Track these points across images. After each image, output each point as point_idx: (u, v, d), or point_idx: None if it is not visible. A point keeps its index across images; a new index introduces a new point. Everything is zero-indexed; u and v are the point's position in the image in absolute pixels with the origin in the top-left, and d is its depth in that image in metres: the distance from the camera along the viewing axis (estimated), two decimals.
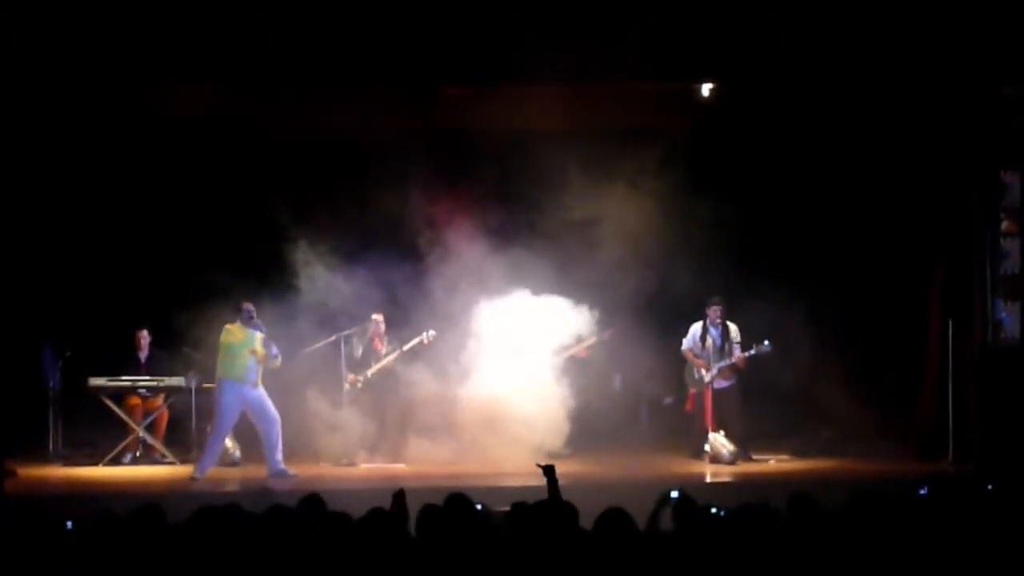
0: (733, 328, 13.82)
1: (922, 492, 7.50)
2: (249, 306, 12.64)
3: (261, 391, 12.67)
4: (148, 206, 14.53)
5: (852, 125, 13.54)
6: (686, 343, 14.00)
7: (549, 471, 7.45)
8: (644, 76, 12.66)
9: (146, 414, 14.00)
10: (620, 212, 13.84)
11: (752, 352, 13.62)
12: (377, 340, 13.97)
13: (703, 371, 13.77)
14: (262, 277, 13.53)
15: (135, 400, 14.02)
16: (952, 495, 7.36)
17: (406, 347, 13.81)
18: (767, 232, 14.65)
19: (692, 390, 13.98)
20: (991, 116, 12.90)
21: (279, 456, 12.61)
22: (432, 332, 13.75)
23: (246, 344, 12.57)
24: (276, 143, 13.92)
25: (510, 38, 11.97)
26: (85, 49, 11.88)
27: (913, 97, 13.00)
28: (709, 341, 13.85)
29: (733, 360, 13.69)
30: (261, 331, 12.63)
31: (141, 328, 14.35)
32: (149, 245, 14.63)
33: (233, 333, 12.58)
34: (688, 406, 14.05)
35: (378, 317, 13.91)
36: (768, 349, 13.55)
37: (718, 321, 13.80)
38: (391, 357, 13.82)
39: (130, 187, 14.45)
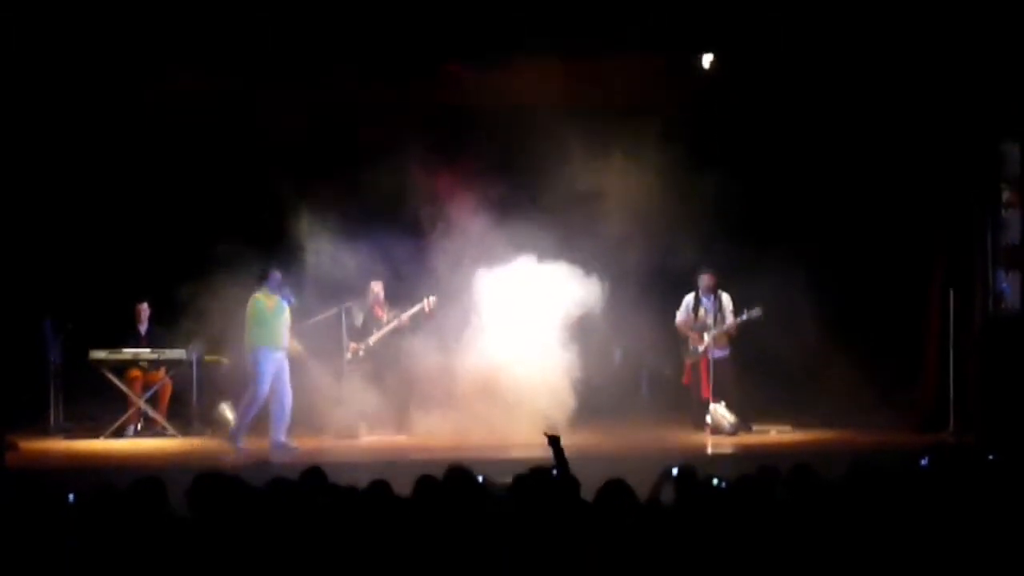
0: (725, 297, 13.85)
1: (923, 463, 7.48)
2: (276, 273, 12.62)
3: (287, 360, 12.69)
4: (148, 179, 14.51)
5: (854, 94, 13.49)
6: (679, 316, 14.02)
7: (555, 441, 7.44)
8: (645, 48, 12.61)
9: (147, 387, 14.01)
10: (622, 186, 13.81)
11: (743, 317, 13.63)
12: (377, 308, 13.98)
13: (697, 343, 13.80)
14: (264, 250, 13.45)
15: (136, 372, 14.03)
16: (953, 466, 7.34)
17: (406, 315, 13.81)
18: (769, 205, 14.59)
19: (687, 361, 14.00)
20: (993, 86, 12.85)
21: (283, 429, 12.57)
22: (433, 298, 13.73)
23: (278, 311, 12.54)
24: (278, 117, 13.86)
25: (509, 12, 11.92)
26: (85, 21, 11.85)
27: (916, 66, 12.94)
28: (702, 311, 13.86)
29: (725, 327, 13.70)
30: (291, 302, 12.64)
31: (141, 301, 14.35)
32: (149, 218, 14.61)
33: (263, 300, 12.53)
34: (684, 378, 14.08)
35: (376, 285, 13.92)
36: (758, 314, 13.55)
37: (710, 291, 13.81)
38: (392, 324, 13.81)
39: (130, 160, 14.42)
